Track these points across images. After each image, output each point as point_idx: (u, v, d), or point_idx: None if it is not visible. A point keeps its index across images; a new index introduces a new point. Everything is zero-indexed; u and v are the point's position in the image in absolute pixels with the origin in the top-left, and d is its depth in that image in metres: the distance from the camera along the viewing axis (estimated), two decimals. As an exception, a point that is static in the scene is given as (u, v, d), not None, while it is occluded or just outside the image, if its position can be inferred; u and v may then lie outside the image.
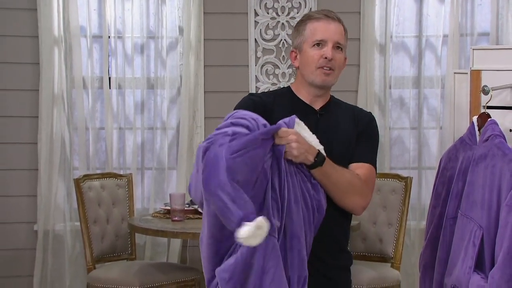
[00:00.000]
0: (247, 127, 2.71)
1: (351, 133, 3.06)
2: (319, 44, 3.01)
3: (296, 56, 3.10)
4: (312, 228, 2.79)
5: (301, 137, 2.76)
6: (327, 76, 3.04)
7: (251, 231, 2.51)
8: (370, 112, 3.22)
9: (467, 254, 3.04)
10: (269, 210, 2.64)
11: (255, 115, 2.77)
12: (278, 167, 2.70)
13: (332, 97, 3.16)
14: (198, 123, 5.77)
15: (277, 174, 2.70)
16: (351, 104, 3.23)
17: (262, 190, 2.66)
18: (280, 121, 2.76)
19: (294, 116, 2.80)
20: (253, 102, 3.02)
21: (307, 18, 3.08)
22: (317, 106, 3.10)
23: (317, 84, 3.06)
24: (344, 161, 2.95)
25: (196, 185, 2.72)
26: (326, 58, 3.01)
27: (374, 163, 3.02)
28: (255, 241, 2.53)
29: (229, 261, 2.62)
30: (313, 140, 2.82)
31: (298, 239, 2.72)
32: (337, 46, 3.04)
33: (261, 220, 2.52)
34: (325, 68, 3.02)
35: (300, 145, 2.74)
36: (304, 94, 3.10)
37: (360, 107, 3.45)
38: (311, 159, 2.77)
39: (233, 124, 2.73)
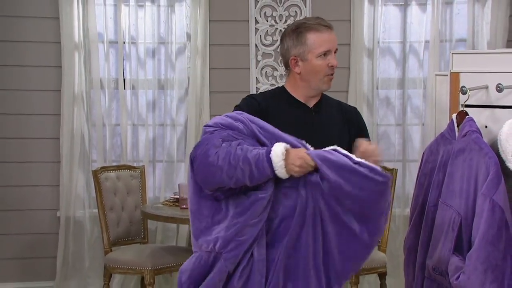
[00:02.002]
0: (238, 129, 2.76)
1: (341, 126, 3.05)
2: (325, 54, 2.99)
3: (297, 63, 3.03)
4: None
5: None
6: (331, 81, 3.05)
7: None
8: (355, 107, 3.23)
9: (447, 238, 3.04)
10: None
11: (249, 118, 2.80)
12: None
13: (322, 94, 3.14)
14: (204, 120, 5.76)
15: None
16: (336, 99, 3.22)
17: None
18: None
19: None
20: (256, 103, 3.01)
21: (306, 28, 3.01)
22: (311, 104, 3.08)
23: (323, 90, 3.06)
24: None
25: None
26: (332, 66, 3.01)
27: None
28: None
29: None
30: None
31: None
32: (335, 52, 3.04)
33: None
34: (330, 75, 3.03)
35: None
36: (299, 94, 3.07)
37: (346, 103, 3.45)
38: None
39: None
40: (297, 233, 2.71)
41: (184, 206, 4.87)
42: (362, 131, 3.10)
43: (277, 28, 5.82)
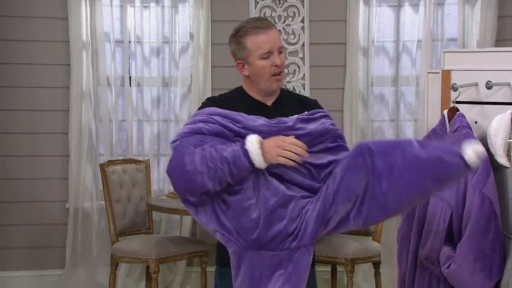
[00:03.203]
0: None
1: None
2: (267, 54, 2.90)
3: (243, 66, 2.97)
4: None
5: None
6: (279, 81, 2.95)
7: None
8: (315, 100, 3.15)
9: (438, 229, 3.03)
10: None
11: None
12: None
13: (281, 89, 3.06)
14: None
15: None
16: (297, 94, 3.14)
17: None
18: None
19: None
20: (211, 104, 2.92)
21: (244, 33, 2.92)
22: (269, 102, 3.01)
23: (272, 90, 2.98)
24: None
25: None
26: (276, 65, 2.91)
27: None
28: None
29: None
30: None
31: None
32: (280, 51, 2.94)
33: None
34: (276, 74, 2.93)
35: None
36: (256, 94, 3.01)
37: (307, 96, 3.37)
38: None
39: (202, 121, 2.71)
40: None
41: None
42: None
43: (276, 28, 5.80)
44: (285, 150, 2.64)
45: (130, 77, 5.79)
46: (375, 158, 2.50)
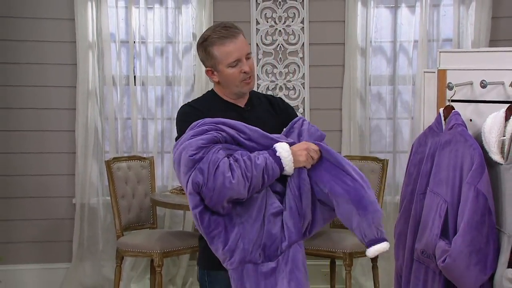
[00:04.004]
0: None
1: (274, 119, 2.96)
2: (235, 63, 2.86)
3: (213, 73, 2.91)
4: None
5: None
6: (249, 84, 2.92)
7: None
8: (279, 97, 3.17)
9: (434, 224, 3.02)
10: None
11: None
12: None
13: (251, 91, 3.03)
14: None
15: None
16: (262, 93, 3.12)
17: None
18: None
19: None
20: (194, 109, 2.89)
21: (210, 43, 2.85)
22: (242, 103, 2.98)
23: (243, 93, 2.95)
24: None
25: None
26: (245, 72, 2.87)
27: None
28: None
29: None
30: None
31: None
32: (247, 57, 2.89)
33: None
34: (246, 79, 2.90)
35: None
36: (227, 97, 2.97)
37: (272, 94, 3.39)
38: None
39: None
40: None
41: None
42: (291, 116, 3.02)
43: (276, 29, 5.79)
44: (310, 155, 2.71)
45: (134, 77, 5.78)
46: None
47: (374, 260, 5.04)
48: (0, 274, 4.49)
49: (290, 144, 2.72)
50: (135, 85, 5.77)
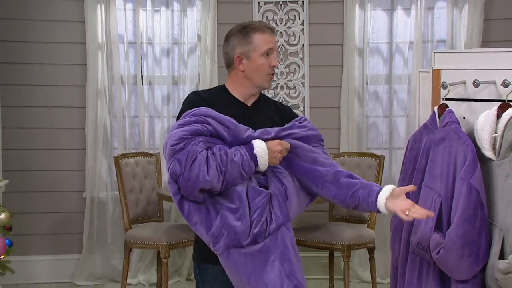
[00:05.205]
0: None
1: (279, 124, 2.89)
2: (267, 53, 2.87)
3: (241, 61, 2.87)
4: None
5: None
6: (271, 81, 2.93)
7: None
8: (289, 106, 3.16)
9: (429, 217, 3.02)
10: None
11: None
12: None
13: (260, 94, 3.01)
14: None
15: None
16: (272, 99, 3.10)
17: None
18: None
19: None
20: (201, 98, 2.86)
21: (252, 29, 2.87)
22: (249, 102, 2.94)
23: (264, 88, 2.94)
24: None
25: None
26: (273, 66, 2.89)
27: None
28: None
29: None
30: None
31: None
32: (276, 54, 2.94)
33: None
34: (271, 74, 2.91)
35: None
36: (239, 93, 2.93)
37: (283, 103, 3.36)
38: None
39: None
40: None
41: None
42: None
43: (278, 30, 5.78)
44: (281, 154, 2.69)
45: (142, 76, 5.78)
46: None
47: (371, 252, 5.03)
48: (14, 264, 4.48)
49: (266, 140, 2.69)
50: (142, 84, 5.77)
